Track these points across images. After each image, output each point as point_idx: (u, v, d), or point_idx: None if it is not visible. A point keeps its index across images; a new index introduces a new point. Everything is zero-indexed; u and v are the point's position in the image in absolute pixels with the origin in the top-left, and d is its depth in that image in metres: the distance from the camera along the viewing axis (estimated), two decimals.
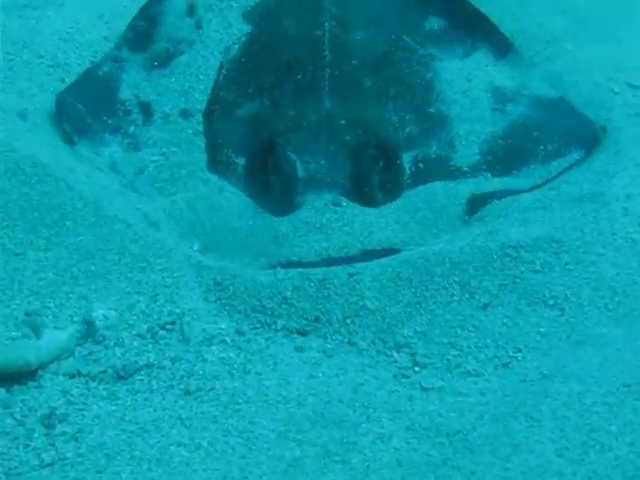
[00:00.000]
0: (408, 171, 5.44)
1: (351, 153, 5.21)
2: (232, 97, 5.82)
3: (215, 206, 5.28)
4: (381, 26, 6.19)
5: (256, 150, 5.45)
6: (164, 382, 4.18)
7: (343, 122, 5.33)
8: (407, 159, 5.48)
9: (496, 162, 5.51)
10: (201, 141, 5.62)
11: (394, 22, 6.29)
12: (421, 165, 5.48)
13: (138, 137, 5.68)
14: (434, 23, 6.35)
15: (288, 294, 4.57)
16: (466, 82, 5.91)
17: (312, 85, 5.57)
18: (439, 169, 5.48)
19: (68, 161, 5.24)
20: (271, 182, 5.24)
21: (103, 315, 4.42)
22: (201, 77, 5.94)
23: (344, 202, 4.92)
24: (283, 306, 4.56)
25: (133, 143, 5.65)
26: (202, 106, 5.78)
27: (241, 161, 5.52)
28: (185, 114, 5.77)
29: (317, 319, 4.51)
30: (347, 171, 5.17)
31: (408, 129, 5.59)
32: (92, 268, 4.68)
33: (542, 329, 4.35)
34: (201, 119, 5.75)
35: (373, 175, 5.23)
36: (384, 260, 4.75)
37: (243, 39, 6.16)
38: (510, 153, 5.55)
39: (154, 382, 4.18)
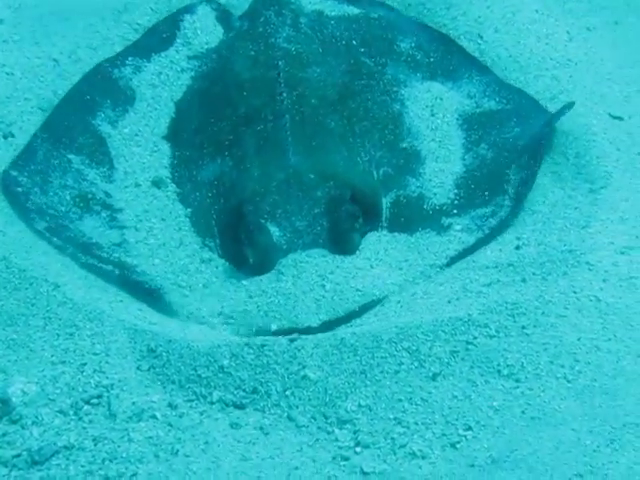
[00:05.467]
0: (389, 212, 5.18)
1: (326, 210, 4.88)
2: (195, 157, 5.51)
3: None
4: (339, 53, 5.86)
5: (228, 219, 5.14)
6: (82, 467, 3.87)
7: (312, 176, 5.01)
8: (387, 199, 5.23)
9: (465, 202, 5.25)
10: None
11: (353, 46, 5.96)
12: (403, 203, 5.21)
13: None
14: (396, 43, 6.03)
15: (225, 362, 4.28)
16: (432, 115, 5.58)
17: (274, 137, 5.27)
18: (418, 211, 5.21)
19: None
20: (246, 253, 4.91)
21: (21, 390, 4.11)
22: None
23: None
24: (220, 375, 4.27)
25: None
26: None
27: (217, 229, 5.22)
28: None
29: (255, 390, 4.21)
30: (324, 229, 4.91)
31: (383, 169, 5.26)
32: (14, 336, 4.41)
33: (495, 403, 4.03)
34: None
35: (353, 232, 4.95)
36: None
37: (195, 88, 5.85)
38: (479, 190, 5.29)
39: (72, 467, 3.88)
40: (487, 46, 6.46)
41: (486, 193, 5.25)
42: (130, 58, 6.11)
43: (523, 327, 4.30)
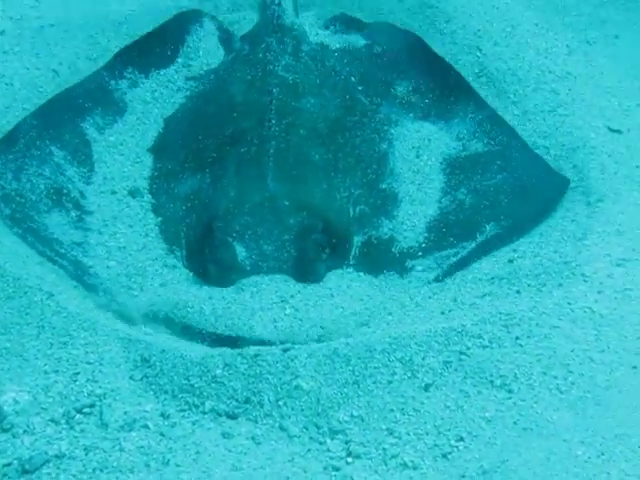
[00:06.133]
0: (357, 251, 5.17)
1: (295, 238, 4.88)
2: (176, 171, 5.52)
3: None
4: (336, 88, 5.85)
5: (197, 231, 5.16)
6: (73, 476, 3.85)
7: (287, 203, 5.01)
8: (357, 238, 5.21)
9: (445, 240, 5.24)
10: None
11: (351, 83, 5.95)
12: (372, 244, 5.20)
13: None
14: (397, 83, 6.02)
15: (218, 372, 4.25)
16: (417, 157, 5.57)
17: (256, 160, 5.25)
18: (385, 253, 5.20)
19: None
20: (209, 268, 4.95)
21: (13, 399, 4.09)
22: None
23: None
24: (212, 385, 4.23)
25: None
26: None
27: (186, 241, 5.24)
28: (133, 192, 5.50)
29: (248, 400, 4.18)
30: (291, 256, 4.89)
31: (359, 207, 5.26)
32: (7, 345, 4.38)
33: (487, 414, 4.01)
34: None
35: (318, 262, 4.96)
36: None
37: (187, 107, 5.85)
38: (460, 230, 5.26)
39: (62, 476, 3.85)
40: (486, 59, 6.47)
41: (455, 237, 5.23)
42: (129, 69, 6.09)
43: (517, 338, 4.29)
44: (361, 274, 5.04)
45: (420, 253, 5.13)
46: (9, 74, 6.20)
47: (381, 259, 5.13)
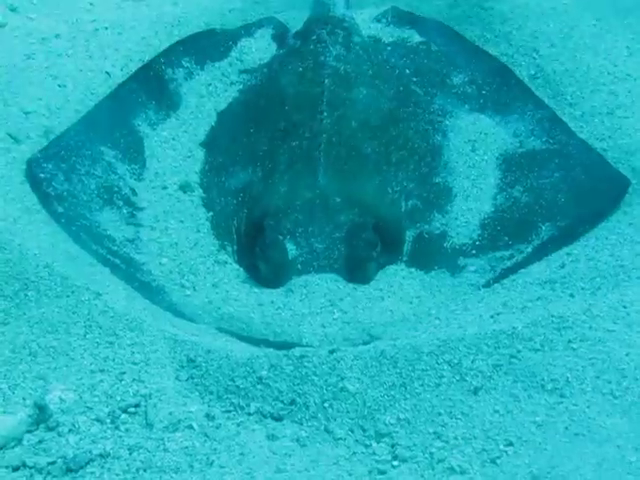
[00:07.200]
0: (410, 247, 5.07)
1: (347, 235, 4.81)
2: (227, 165, 5.51)
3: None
4: (389, 79, 5.79)
5: (248, 228, 5.17)
6: (117, 475, 3.82)
7: (339, 200, 4.96)
8: (409, 233, 5.13)
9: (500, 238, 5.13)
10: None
11: (405, 74, 5.88)
12: (425, 239, 5.08)
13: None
14: (450, 76, 5.94)
15: (264, 373, 4.21)
16: (472, 151, 5.48)
17: (307, 155, 5.21)
18: (437, 249, 5.13)
19: (33, 228, 4.94)
20: (259, 266, 4.93)
21: (59, 398, 4.08)
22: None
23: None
24: (258, 386, 4.20)
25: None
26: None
27: (237, 237, 5.26)
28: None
29: (293, 402, 4.14)
30: (342, 255, 4.84)
31: (411, 202, 5.17)
32: (54, 344, 4.37)
33: (538, 418, 3.90)
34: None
35: (369, 262, 4.89)
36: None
37: (240, 100, 5.84)
38: (514, 229, 5.18)
39: (106, 475, 3.81)
40: (542, 60, 6.38)
41: (510, 237, 5.13)
42: (186, 59, 6.09)
43: (569, 341, 4.18)
44: (412, 270, 4.96)
45: (473, 252, 5.06)
46: (62, 76, 6.24)
47: (433, 255, 5.07)
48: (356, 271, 4.79)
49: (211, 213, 5.28)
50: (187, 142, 5.79)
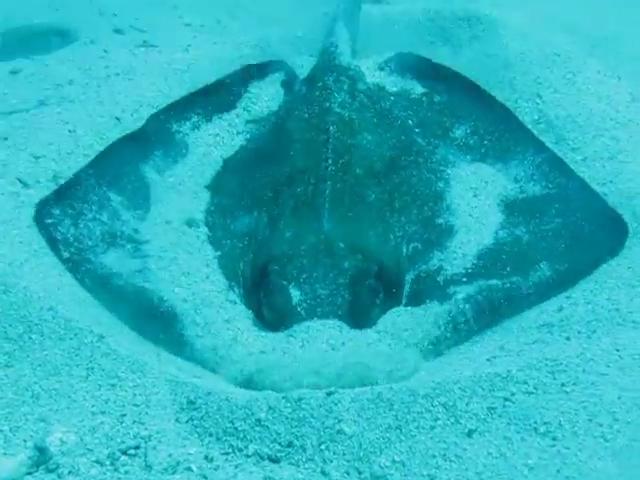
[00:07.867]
0: (409, 287, 5.14)
1: (350, 282, 4.86)
2: (233, 207, 5.60)
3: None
4: (392, 127, 5.89)
5: (253, 272, 5.18)
6: None
7: (342, 246, 5.00)
8: (409, 276, 5.18)
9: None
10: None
11: (408, 125, 5.97)
12: (421, 277, 5.12)
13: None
14: (452, 129, 6.03)
15: (262, 415, 4.25)
16: (474, 197, 5.54)
17: (312, 201, 5.28)
18: (431, 282, 5.13)
19: (40, 271, 5.03)
20: (265, 312, 4.96)
21: (60, 439, 4.14)
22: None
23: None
24: (256, 429, 4.23)
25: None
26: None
27: (243, 279, 5.28)
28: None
29: (290, 444, 4.17)
30: (344, 300, 4.86)
31: (412, 245, 5.23)
32: (56, 386, 4.44)
33: (530, 461, 3.93)
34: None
35: (372, 309, 4.92)
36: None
37: (247, 147, 5.94)
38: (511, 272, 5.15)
39: None
40: (545, 106, 6.45)
41: (504, 269, 5.14)
42: (192, 114, 6.22)
43: (562, 384, 4.21)
44: (408, 309, 4.97)
45: (464, 279, 5.05)
46: (73, 121, 6.36)
47: (427, 288, 5.08)
48: (359, 317, 4.82)
49: (218, 252, 5.33)
50: (193, 185, 5.87)
